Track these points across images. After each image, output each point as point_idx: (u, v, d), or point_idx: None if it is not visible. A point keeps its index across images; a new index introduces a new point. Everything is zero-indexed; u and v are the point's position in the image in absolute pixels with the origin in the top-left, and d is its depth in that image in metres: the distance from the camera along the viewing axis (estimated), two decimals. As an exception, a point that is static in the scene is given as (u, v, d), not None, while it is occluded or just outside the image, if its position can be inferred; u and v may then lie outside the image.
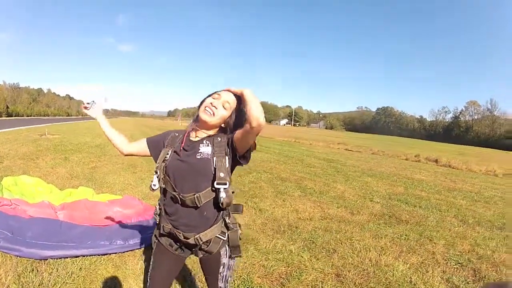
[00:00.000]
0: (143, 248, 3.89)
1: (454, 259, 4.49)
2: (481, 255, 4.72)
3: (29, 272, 3.18)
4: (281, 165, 12.45)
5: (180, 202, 1.86)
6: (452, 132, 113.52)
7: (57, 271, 3.27)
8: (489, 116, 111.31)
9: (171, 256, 2.02)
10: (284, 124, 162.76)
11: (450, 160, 19.89)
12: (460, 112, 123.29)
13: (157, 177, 1.92)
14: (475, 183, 12.33)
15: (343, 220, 5.93)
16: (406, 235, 5.33)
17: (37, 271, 3.24)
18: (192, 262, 3.50)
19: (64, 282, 3.11)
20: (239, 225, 2.04)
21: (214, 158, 1.85)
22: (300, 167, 12.66)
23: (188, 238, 1.88)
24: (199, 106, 2.00)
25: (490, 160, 25.31)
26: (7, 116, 71.10)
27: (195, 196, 1.82)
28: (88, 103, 2.26)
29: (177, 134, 2.05)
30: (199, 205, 1.84)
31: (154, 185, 1.92)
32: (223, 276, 2.04)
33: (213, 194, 1.84)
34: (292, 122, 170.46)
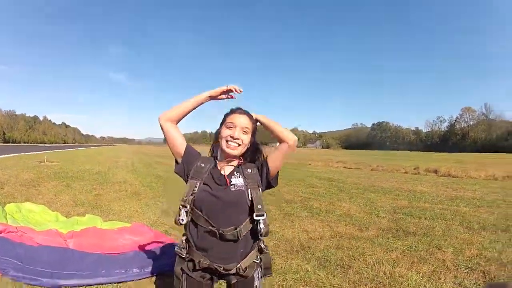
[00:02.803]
0: (157, 275, 4.01)
1: (464, 264, 4.73)
2: (489, 257, 4.97)
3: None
4: (284, 187, 12.61)
5: (218, 237, 1.91)
6: (449, 140, 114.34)
7: None
8: (485, 121, 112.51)
9: (201, 286, 2.04)
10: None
11: (449, 169, 20.14)
12: (456, 120, 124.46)
13: (186, 211, 1.93)
14: (476, 189, 12.61)
15: (353, 237, 6.16)
16: (415, 246, 5.57)
17: None
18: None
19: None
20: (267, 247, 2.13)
21: (249, 190, 1.96)
22: (303, 187, 12.89)
23: (229, 270, 1.94)
24: (216, 138, 2.14)
25: (489, 165, 25.62)
26: (4, 142, 71.08)
27: (236, 230, 1.91)
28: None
29: (203, 165, 2.05)
30: (240, 238, 1.93)
31: (182, 219, 1.92)
32: None
33: (251, 225, 1.97)
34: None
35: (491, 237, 6.06)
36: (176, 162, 2.14)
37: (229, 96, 2.13)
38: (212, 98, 2.11)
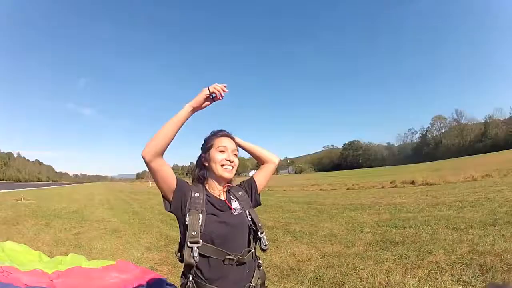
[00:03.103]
0: None
1: (458, 262, 4.88)
2: (482, 251, 5.16)
3: None
4: (263, 214, 12.62)
5: (235, 263, 1.90)
6: (422, 150, 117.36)
7: None
8: (457, 126, 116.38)
9: None
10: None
11: (426, 178, 20.76)
12: (427, 130, 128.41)
13: (198, 247, 1.80)
14: (457, 193, 13.07)
15: (341, 254, 6.20)
16: (405, 254, 5.69)
17: None
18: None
19: None
20: None
21: (247, 211, 2.04)
22: (282, 213, 12.94)
23: None
24: (201, 165, 2.13)
25: (466, 168, 26.50)
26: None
27: (250, 252, 1.98)
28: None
29: (197, 195, 1.95)
30: (252, 259, 2.02)
31: (195, 257, 1.79)
32: None
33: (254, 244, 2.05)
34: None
35: (480, 233, 6.29)
36: (165, 198, 1.98)
37: (216, 99, 1.97)
38: (196, 109, 1.93)
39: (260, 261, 2.13)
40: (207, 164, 2.09)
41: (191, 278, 1.88)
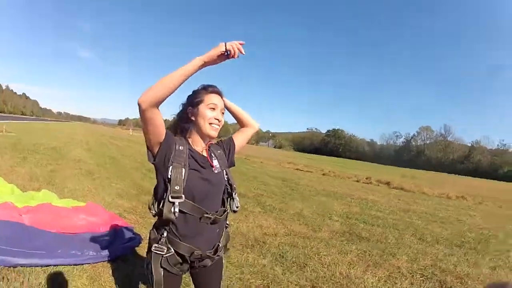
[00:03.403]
0: (111, 260, 3.95)
1: (419, 272, 4.93)
2: (444, 268, 5.21)
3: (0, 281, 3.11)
4: (237, 181, 12.47)
5: (212, 222, 1.87)
6: (403, 155, 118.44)
7: (29, 280, 3.22)
8: (442, 141, 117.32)
9: (179, 280, 1.97)
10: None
11: (402, 182, 20.99)
12: (412, 137, 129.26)
13: (180, 202, 1.74)
14: (429, 205, 13.19)
15: (306, 236, 6.24)
16: (369, 251, 5.74)
17: (7, 279, 3.17)
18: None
19: (38, 294, 3.01)
20: None
21: (224, 171, 2.02)
22: (256, 184, 13.02)
23: (210, 253, 1.92)
24: (186, 117, 1.97)
25: (442, 184, 26.89)
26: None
27: (226, 212, 1.97)
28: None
29: (181, 148, 1.84)
30: (225, 219, 2.03)
31: (175, 212, 1.73)
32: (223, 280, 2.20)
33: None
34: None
35: (445, 250, 6.35)
36: (149, 150, 1.83)
37: (230, 57, 1.73)
38: (206, 64, 1.71)
39: (228, 223, 2.12)
40: (193, 119, 1.93)
41: (165, 234, 1.83)
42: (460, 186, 30.39)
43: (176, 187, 1.73)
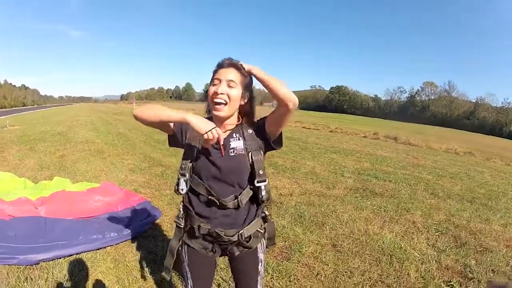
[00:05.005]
0: (134, 238, 4.01)
1: (434, 227, 5.05)
2: (458, 224, 5.32)
3: (23, 282, 3.07)
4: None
5: (219, 206, 1.81)
6: (408, 111, 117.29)
7: (53, 275, 3.20)
8: (447, 97, 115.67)
9: (208, 261, 1.96)
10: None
11: (409, 137, 20.98)
12: (416, 92, 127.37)
13: (185, 180, 1.81)
14: (438, 160, 13.24)
15: (322, 194, 6.38)
16: (384, 206, 5.88)
17: (31, 279, 3.13)
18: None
19: (63, 287, 3.06)
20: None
21: (250, 154, 1.82)
22: (265, 145, 12.95)
23: (231, 236, 1.83)
24: (206, 98, 1.89)
25: (449, 139, 26.82)
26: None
27: (237, 199, 1.80)
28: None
29: None
30: (241, 207, 1.83)
31: (181, 189, 1.81)
32: (262, 276, 2.04)
33: (251, 192, 1.84)
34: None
35: (457, 205, 6.44)
36: (169, 135, 1.94)
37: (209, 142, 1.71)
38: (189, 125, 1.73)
39: (268, 213, 2.01)
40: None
41: (182, 206, 1.94)
42: (466, 141, 30.30)
43: (183, 165, 1.82)
